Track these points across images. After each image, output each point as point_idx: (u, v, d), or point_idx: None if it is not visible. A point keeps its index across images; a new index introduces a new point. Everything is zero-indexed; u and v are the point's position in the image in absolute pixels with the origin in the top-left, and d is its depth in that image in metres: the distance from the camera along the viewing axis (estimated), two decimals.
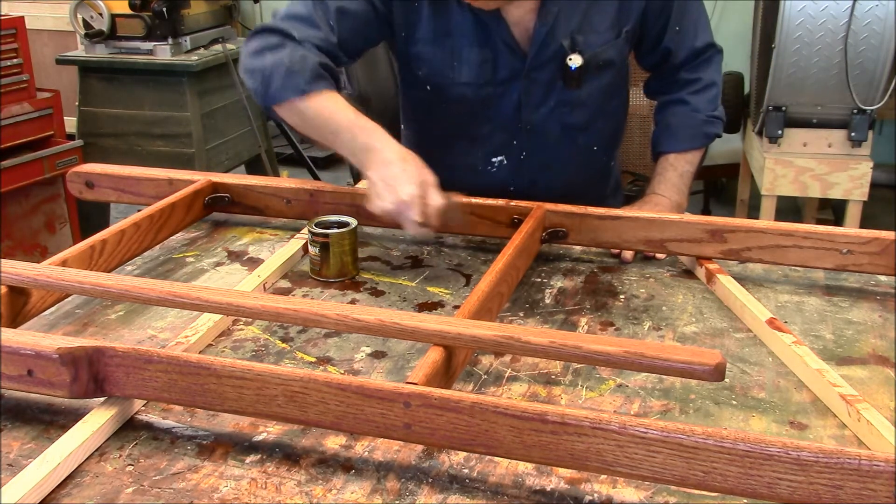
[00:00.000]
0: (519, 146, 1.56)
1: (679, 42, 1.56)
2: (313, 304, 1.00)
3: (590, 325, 1.17)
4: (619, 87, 1.61)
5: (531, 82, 1.50)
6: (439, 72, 1.51)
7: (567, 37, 1.46)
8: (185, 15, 3.34)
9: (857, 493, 0.72)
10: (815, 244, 1.25)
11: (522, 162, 1.57)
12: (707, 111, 1.59)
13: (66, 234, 3.18)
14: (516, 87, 1.50)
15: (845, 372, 1.04)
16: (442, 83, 1.52)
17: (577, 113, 1.54)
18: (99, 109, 3.30)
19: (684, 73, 1.60)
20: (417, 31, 1.50)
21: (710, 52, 1.60)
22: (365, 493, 0.83)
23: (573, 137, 1.57)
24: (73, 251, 1.20)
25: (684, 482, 0.77)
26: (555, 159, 1.57)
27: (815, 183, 2.95)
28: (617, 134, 1.69)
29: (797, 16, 2.73)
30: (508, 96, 1.51)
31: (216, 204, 1.49)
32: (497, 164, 1.58)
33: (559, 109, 1.53)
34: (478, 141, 1.57)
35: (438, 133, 1.61)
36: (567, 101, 1.52)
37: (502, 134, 1.55)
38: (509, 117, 1.53)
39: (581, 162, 1.61)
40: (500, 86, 1.50)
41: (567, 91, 1.50)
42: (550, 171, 1.58)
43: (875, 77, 2.75)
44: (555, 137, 1.55)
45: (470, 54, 1.48)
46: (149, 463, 0.88)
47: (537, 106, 1.52)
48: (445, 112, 1.56)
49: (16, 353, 0.91)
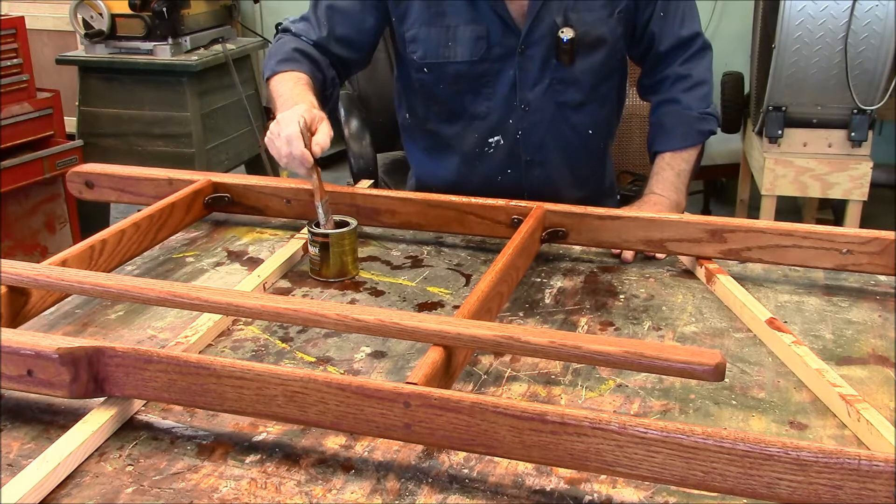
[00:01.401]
0: (514, 125, 1.60)
1: (663, 27, 1.59)
2: (313, 304, 1.00)
3: (590, 325, 1.17)
4: (613, 69, 1.63)
5: (526, 59, 1.55)
6: (434, 52, 1.56)
7: (560, 13, 1.52)
8: (185, 15, 3.34)
9: (857, 493, 0.72)
10: (815, 244, 1.25)
11: (518, 141, 1.61)
12: (699, 108, 1.61)
13: (66, 234, 3.18)
14: (511, 64, 1.56)
15: (845, 372, 1.05)
16: (438, 63, 1.57)
17: (572, 91, 1.59)
18: (99, 109, 3.30)
19: (674, 68, 1.62)
20: (411, 13, 1.56)
21: (697, 45, 1.62)
22: (365, 493, 0.83)
23: (567, 117, 1.61)
24: (73, 251, 1.20)
25: (684, 482, 0.77)
26: (550, 139, 1.61)
27: (815, 183, 2.95)
28: (611, 121, 1.71)
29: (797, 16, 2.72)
30: (504, 73, 1.57)
31: (216, 204, 1.49)
32: (494, 145, 1.62)
33: (553, 87, 1.58)
34: (475, 120, 1.62)
35: (437, 115, 1.65)
36: (561, 78, 1.57)
37: (498, 113, 1.60)
38: (505, 96, 1.58)
39: (576, 145, 1.64)
40: (496, 63, 1.56)
41: (561, 68, 1.55)
42: (545, 152, 1.62)
43: (875, 77, 2.75)
44: (549, 116, 1.60)
45: (464, 33, 1.53)
46: (149, 463, 0.88)
47: (533, 84, 1.57)
48: (443, 93, 1.61)
49: (16, 353, 0.91)
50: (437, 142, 1.68)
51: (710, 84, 1.64)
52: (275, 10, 4.91)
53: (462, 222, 1.39)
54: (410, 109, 1.70)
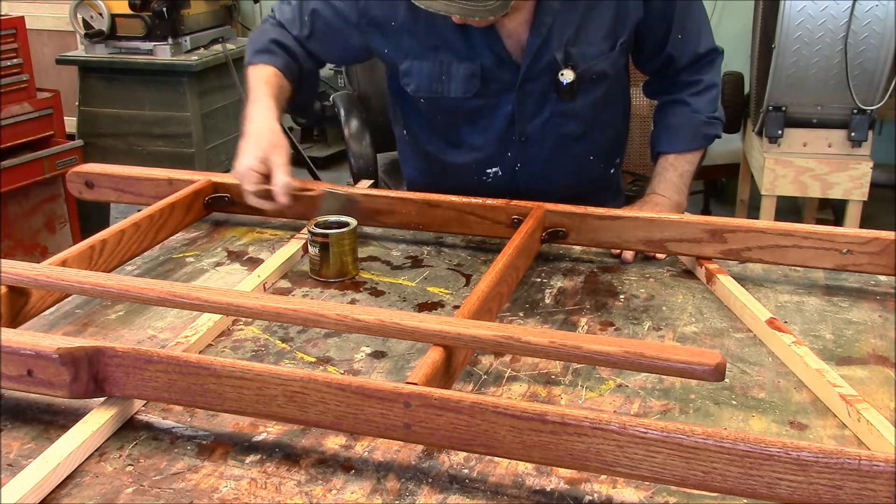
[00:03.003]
0: (513, 158, 1.56)
1: (682, 48, 1.56)
2: (313, 304, 1.00)
3: (590, 325, 1.17)
4: (616, 97, 1.60)
5: (525, 94, 1.50)
6: (427, 87, 1.51)
7: (561, 49, 1.46)
8: (185, 15, 3.34)
9: (857, 493, 0.72)
10: (815, 244, 1.25)
11: (518, 173, 1.57)
12: (707, 112, 1.59)
13: (66, 234, 3.18)
14: (509, 99, 1.50)
15: (845, 372, 1.04)
16: (432, 97, 1.52)
17: (573, 123, 1.54)
18: (99, 109, 3.30)
19: (686, 76, 1.60)
20: (403, 46, 1.49)
21: (710, 56, 1.60)
22: (365, 493, 0.83)
23: (568, 148, 1.56)
24: (73, 251, 1.20)
25: (684, 482, 0.77)
26: (550, 170, 1.57)
27: (815, 183, 2.95)
28: (616, 144, 1.68)
29: (797, 16, 2.72)
30: (502, 108, 1.51)
31: (216, 204, 1.49)
32: (492, 175, 1.58)
33: (554, 120, 1.52)
34: (473, 151, 1.57)
35: (433, 141, 1.61)
36: (562, 111, 1.52)
37: (495, 146, 1.55)
38: (503, 129, 1.53)
39: (577, 172, 1.60)
40: (492, 97, 1.50)
41: (561, 103, 1.50)
42: (546, 181, 1.57)
43: (875, 77, 2.75)
44: (549, 148, 1.55)
45: (458, 69, 1.47)
46: (149, 463, 0.88)
47: (531, 117, 1.52)
48: (439, 123, 1.57)
49: (16, 353, 0.91)
50: (433, 166, 1.63)
51: (720, 87, 1.62)
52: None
53: (462, 222, 1.39)
54: (408, 128, 1.65)
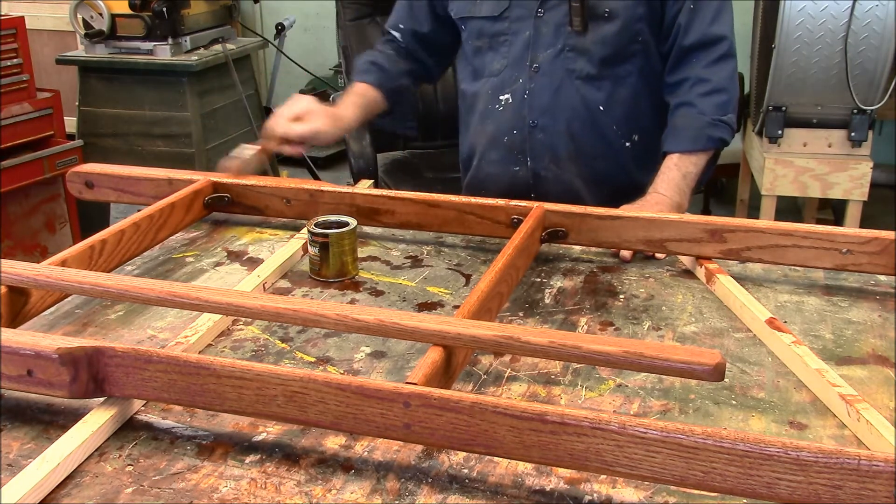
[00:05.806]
0: (523, 84, 1.69)
1: (692, 20, 1.62)
2: (313, 304, 1.00)
3: (589, 325, 1.17)
4: (629, 50, 1.65)
5: (542, 22, 1.66)
6: (464, 7, 1.74)
7: None
8: (185, 15, 3.34)
9: (857, 493, 0.72)
10: (815, 244, 1.25)
11: (525, 101, 1.69)
12: (713, 115, 1.60)
13: (66, 234, 3.18)
14: (528, 25, 1.68)
15: (845, 372, 1.04)
16: (466, 18, 1.74)
17: (582, 61, 1.65)
18: (99, 109, 3.30)
19: (696, 70, 1.62)
20: None
21: (723, 49, 1.62)
22: (365, 493, 0.83)
23: (576, 87, 1.67)
24: (72, 251, 1.20)
25: (684, 482, 0.77)
26: (555, 105, 1.67)
27: (815, 183, 2.95)
28: (633, 114, 1.70)
29: (797, 16, 2.72)
30: (521, 34, 1.68)
31: (216, 204, 1.49)
32: (503, 102, 1.72)
33: (565, 54, 1.66)
34: (491, 78, 1.74)
35: (467, 75, 1.80)
36: (573, 46, 1.65)
37: (510, 70, 1.71)
38: (519, 54, 1.69)
39: (584, 119, 1.67)
40: (514, 22, 1.69)
41: (574, 36, 1.63)
42: (549, 117, 1.68)
43: (875, 77, 2.75)
44: (558, 81, 1.67)
45: None
46: (148, 463, 0.88)
47: (545, 47, 1.67)
48: (470, 49, 1.77)
49: (16, 353, 0.91)
50: (464, 101, 1.83)
51: (731, 94, 1.62)
52: (275, 10, 4.91)
53: (462, 222, 1.39)
54: (459, 75, 1.86)
